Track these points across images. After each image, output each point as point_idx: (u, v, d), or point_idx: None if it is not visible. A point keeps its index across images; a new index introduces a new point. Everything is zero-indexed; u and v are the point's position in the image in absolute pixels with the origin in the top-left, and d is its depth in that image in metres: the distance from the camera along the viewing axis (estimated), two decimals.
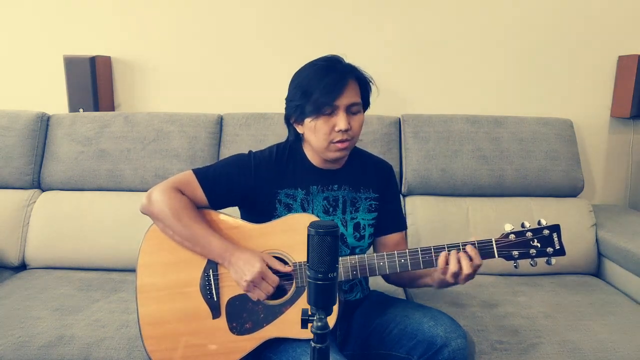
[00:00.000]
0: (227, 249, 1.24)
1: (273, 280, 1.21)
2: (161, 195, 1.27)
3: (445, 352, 1.18)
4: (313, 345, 0.81)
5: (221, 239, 1.25)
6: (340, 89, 1.22)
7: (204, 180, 1.31)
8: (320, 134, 1.25)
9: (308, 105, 1.23)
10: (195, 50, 2.26)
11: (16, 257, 1.95)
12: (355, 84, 1.27)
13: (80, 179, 2.00)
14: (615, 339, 1.44)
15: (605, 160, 2.33)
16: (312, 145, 1.29)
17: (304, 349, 1.19)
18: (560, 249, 1.21)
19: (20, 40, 2.27)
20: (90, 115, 2.08)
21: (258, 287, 1.21)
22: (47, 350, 1.39)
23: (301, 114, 1.26)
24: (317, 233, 0.81)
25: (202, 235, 1.25)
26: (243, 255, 1.22)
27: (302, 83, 1.25)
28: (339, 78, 1.23)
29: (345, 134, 1.24)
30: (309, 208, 1.34)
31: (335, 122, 1.24)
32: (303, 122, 1.27)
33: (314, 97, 1.22)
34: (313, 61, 1.29)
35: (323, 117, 1.23)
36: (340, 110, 1.24)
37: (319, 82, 1.22)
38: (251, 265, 1.20)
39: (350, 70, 1.26)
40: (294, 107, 1.27)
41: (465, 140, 2.01)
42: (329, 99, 1.22)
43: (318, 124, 1.24)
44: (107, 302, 1.63)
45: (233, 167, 1.34)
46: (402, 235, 1.44)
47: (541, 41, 2.23)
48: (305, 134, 1.29)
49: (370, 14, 2.22)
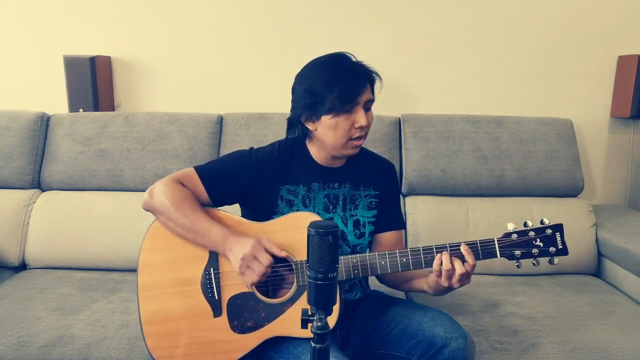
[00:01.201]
0: (227, 236, 1.23)
1: (265, 258, 1.19)
2: (163, 188, 1.27)
3: (445, 352, 1.18)
4: (313, 346, 0.81)
5: (222, 227, 1.25)
6: (362, 87, 1.24)
7: (205, 177, 1.31)
8: (341, 130, 1.24)
9: (328, 102, 1.22)
10: (195, 51, 2.26)
11: (16, 257, 1.95)
12: (367, 80, 1.28)
13: (80, 179, 2.00)
14: (615, 339, 1.44)
15: (605, 160, 2.33)
16: (328, 142, 1.28)
17: (304, 348, 1.19)
18: (563, 248, 1.21)
19: (20, 40, 2.27)
20: (90, 115, 2.08)
21: (250, 266, 1.19)
22: (47, 350, 1.39)
23: (317, 111, 1.24)
24: (317, 233, 0.81)
25: (203, 224, 1.25)
26: (241, 238, 1.22)
27: (318, 80, 1.24)
28: (358, 75, 1.24)
29: (363, 130, 1.26)
30: (310, 205, 1.34)
31: (354, 119, 1.24)
32: (319, 120, 1.26)
33: (334, 94, 1.21)
34: (321, 58, 1.29)
35: (344, 114, 1.23)
36: (360, 106, 1.25)
37: (342, 79, 1.22)
38: (244, 244, 1.20)
39: (363, 67, 1.28)
40: (308, 105, 1.25)
41: (465, 140, 2.02)
42: (354, 95, 1.22)
43: (340, 120, 1.24)
44: (107, 302, 1.63)
45: (234, 163, 1.34)
46: (400, 235, 1.44)
47: (541, 41, 2.23)
48: (320, 131, 1.27)
49: (370, 13, 2.22)
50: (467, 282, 1.19)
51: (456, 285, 1.18)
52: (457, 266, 1.17)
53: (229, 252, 1.23)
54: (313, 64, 1.29)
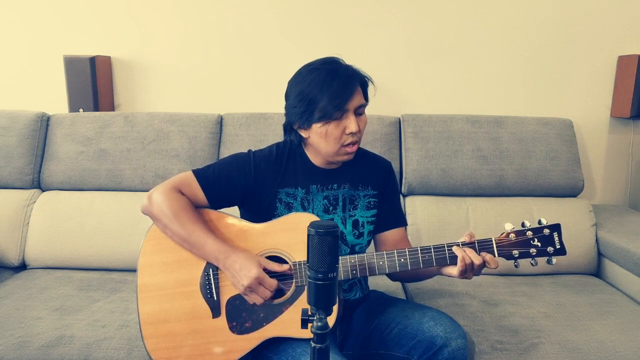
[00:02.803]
0: (222, 251, 1.23)
1: (270, 285, 1.21)
2: (161, 196, 1.27)
3: (445, 352, 1.18)
4: (313, 346, 0.81)
5: (217, 240, 1.25)
6: (351, 94, 1.23)
7: (203, 181, 1.32)
8: (332, 138, 1.25)
9: (317, 112, 1.23)
10: (195, 50, 2.26)
11: (16, 257, 1.95)
12: (359, 85, 1.28)
13: (80, 179, 2.00)
14: (615, 339, 1.44)
15: (605, 160, 2.33)
16: (321, 150, 1.29)
17: (303, 349, 1.19)
18: (560, 248, 1.21)
19: (20, 40, 2.28)
20: (90, 115, 2.08)
21: (255, 292, 1.21)
22: (47, 350, 1.39)
23: (308, 120, 1.25)
24: (317, 233, 0.81)
25: (198, 236, 1.25)
26: (239, 259, 1.22)
27: (306, 89, 1.24)
28: (347, 82, 1.24)
29: (355, 135, 1.26)
30: (309, 207, 1.34)
31: (345, 125, 1.25)
32: (310, 128, 1.27)
33: (323, 103, 1.22)
34: (311, 65, 1.28)
35: (334, 121, 1.24)
36: (350, 113, 1.25)
37: (328, 87, 1.22)
38: (248, 271, 1.20)
39: (353, 72, 1.27)
40: (299, 114, 1.26)
41: (465, 140, 2.02)
42: (340, 104, 1.22)
43: (330, 128, 1.24)
44: (107, 302, 1.63)
45: (233, 167, 1.34)
46: (403, 232, 1.44)
47: (541, 41, 2.23)
48: (313, 139, 1.29)
49: (370, 14, 2.22)
50: (478, 273, 1.21)
51: (469, 277, 1.20)
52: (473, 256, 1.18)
53: (225, 270, 1.24)
54: (304, 71, 1.28)
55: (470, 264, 1.18)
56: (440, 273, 1.26)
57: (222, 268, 1.24)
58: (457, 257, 1.19)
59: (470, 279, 1.21)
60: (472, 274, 1.20)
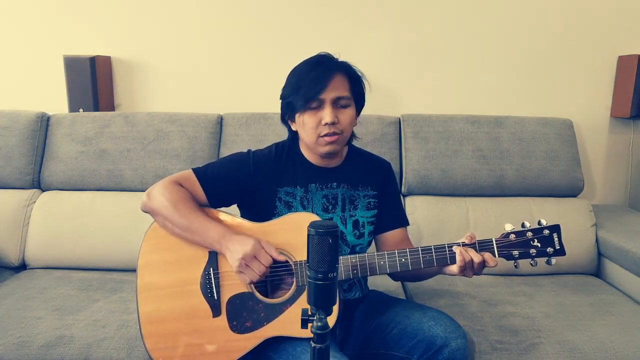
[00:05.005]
0: (224, 234, 1.23)
1: (266, 259, 1.20)
2: (161, 189, 1.28)
3: (445, 352, 1.18)
4: (313, 345, 0.81)
5: (219, 225, 1.26)
6: (325, 82, 1.24)
7: (203, 179, 1.32)
8: (308, 128, 1.27)
9: (297, 101, 1.26)
10: (195, 50, 2.26)
11: (16, 257, 1.95)
12: (344, 78, 1.28)
13: (80, 179, 2.00)
14: (615, 339, 1.44)
15: (605, 160, 2.33)
16: (304, 140, 1.32)
17: (304, 348, 1.19)
18: (560, 249, 1.22)
19: (20, 40, 2.27)
20: (90, 115, 2.08)
21: (250, 265, 1.20)
22: (47, 350, 1.39)
23: (292, 110, 1.29)
24: (317, 233, 0.81)
25: (200, 222, 1.25)
26: (239, 237, 1.22)
27: (291, 81, 1.29)
28: (324, 72, 1.25)
29: (333, 127, 1.26)
30: (308, 206, 1.34)
31: (321, 116, 1.25)
32: (294, 120, 1.31)
33: (301, 92, 1.25)
34: (305, 60, 1.31)
35: (310, 111, 1.26)
36: (327, 103, 1.25)
37: (306, 77, 1.25)
38: (244, 244, 1.20)
39: (337, 65, 1.29)
40: (285, 104, 1.31)
41: (465, 140, 2.02)
42: (314, 92, 1.24)
43: (305, 118, 1.27)
44: (107, 302, 1.63)
45: (232, 165, 1.35)
46: (404, 232, 1.44)
47: (541, 41, 2.23)
48: (298, 130, 1.32)
49: (370, 14, 2.22)
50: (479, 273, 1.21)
51: (469, 275, 1.21)
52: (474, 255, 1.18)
53: (226, 250, 1.23)
54: (295, 67, 1.32)
55: (470, 262, 1.18)
56: (441, 272, 1.26)
57: (224, 250, 1.23)
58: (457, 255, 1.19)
59: (470, 277, 1.21)
60: (472, 272, 1.20)
